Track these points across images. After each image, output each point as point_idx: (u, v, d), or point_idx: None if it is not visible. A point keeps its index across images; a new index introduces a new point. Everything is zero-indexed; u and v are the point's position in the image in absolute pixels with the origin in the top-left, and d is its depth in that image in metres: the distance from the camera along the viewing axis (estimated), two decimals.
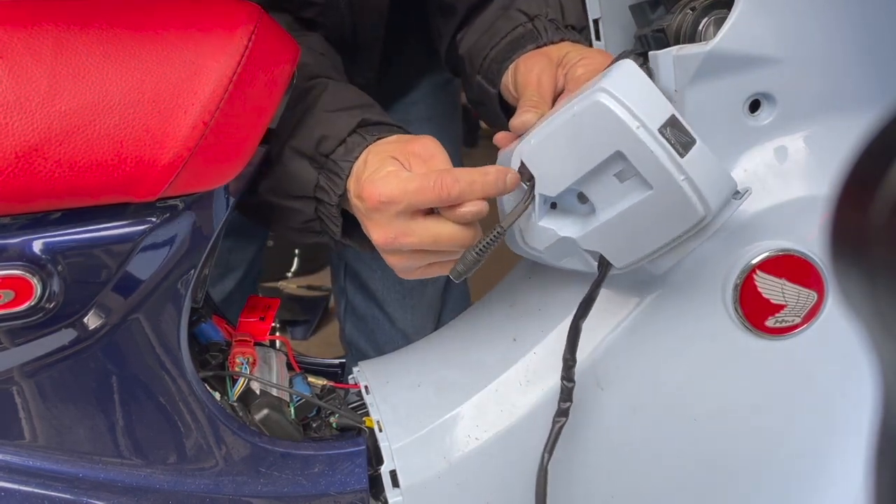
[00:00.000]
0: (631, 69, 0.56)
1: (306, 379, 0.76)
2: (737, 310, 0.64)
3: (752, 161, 0.63)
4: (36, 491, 0.63)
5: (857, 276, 0.25)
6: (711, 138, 0.63)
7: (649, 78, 0.56)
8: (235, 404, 0.69)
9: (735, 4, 0.59)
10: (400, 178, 0.59)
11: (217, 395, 0.69)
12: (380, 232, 0.61)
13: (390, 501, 0.67)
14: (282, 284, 2.27)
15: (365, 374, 0.76)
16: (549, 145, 0.57)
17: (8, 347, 0.60)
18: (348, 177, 0.64)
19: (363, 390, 0.75)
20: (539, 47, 0.71)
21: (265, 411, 0.69)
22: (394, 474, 0.68)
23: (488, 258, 0.60)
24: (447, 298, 1.11)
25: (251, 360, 0.71)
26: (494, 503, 0.69)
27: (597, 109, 0.54)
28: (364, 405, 0.74)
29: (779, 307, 0.64)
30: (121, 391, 0.64)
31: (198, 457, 0.66)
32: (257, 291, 1.25)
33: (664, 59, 0.62)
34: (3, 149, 0.53)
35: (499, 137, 0.66)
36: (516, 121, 0.63)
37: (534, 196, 0.59)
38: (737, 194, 0.58)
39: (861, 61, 0.61)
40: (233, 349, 0.72)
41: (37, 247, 0.57)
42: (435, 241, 0.59)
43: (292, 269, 2.31)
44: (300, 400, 0.73)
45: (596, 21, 0.75)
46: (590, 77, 0.64)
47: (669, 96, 0.63)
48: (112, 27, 0.56)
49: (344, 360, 0.86)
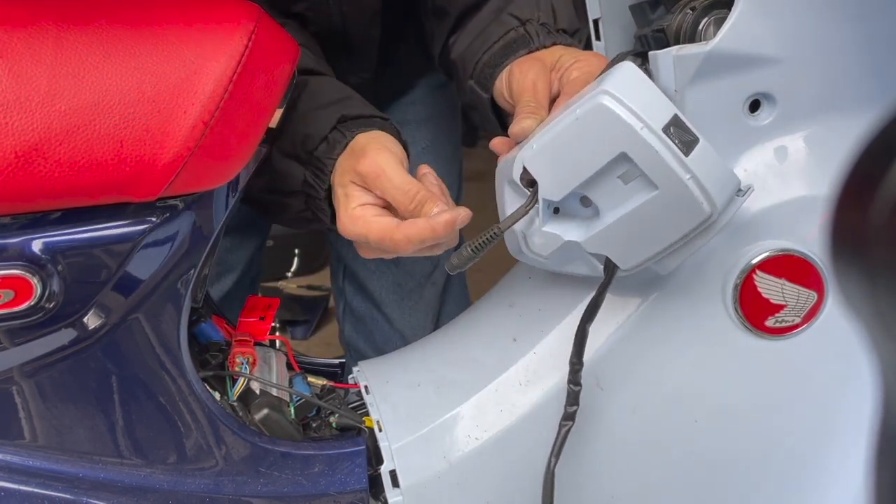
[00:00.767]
0: (631, 70, 0.56)
1: (306, 379, 0.76)
2: (737, 310, 0.64)
3: (752, 161, 0.63)
4: (36, 491, 0.63)
5: (857, 276, 0.25)
6: (712, 138, 0.63)
7: (649, 79, 0.56)
8: (235, 404, 0.69)
9: (735, 4, 0.59)
10: (363, 223, 0.64)
11: (217, 395, 0.69)
12: (367, 252, 0.68)
13: (390, 501, 0.67)
14: (282, 284, 2.27)
15: (365, 374, 0.76)
16: (551, 150, 0.57)
17: (8, 347, 0.60)
18: (332, 172, 0.68)
19: (363, 390, 0.75)
20: (531, 52, 0.71)
21: (265, 411, 0.69)
22: (394, 474, 0.68)
23: (488, 258, 0.60)
24: (446, 299, 1.10)
25: (251, 359, 0.71)
26: (494, 503, 0.69)
27: (599, 112, 0.54)
28: (364, 405, 0.74)
29: (779, 307, 0.64)
30: (121, 391, 0.64)
31: (198, 457, 0.66)
32: (257, 291, 1.25)
33: (664, 59, 0.62)
34: (3, 149, 0.53)
35: (496, 143, 0.67)
36: (515, 128, 0.63)
37: (537, 201, 0.59)
38: (739, 192, 0.58)
39: (861, 61, 0.61)
40: (233, 349, 0.72)
41: (37, 247, 0.57)
42: (421, 242, 0.62)
43: (292, 269, 2.31)
44: (300, 400, 0.73)
45: (596, 21, 0.75)
46: (585, 80, 0.64)
47: (669, 96, 0.63)
48: (112, 27, 0.56)
49: (344, 360, 0.86)
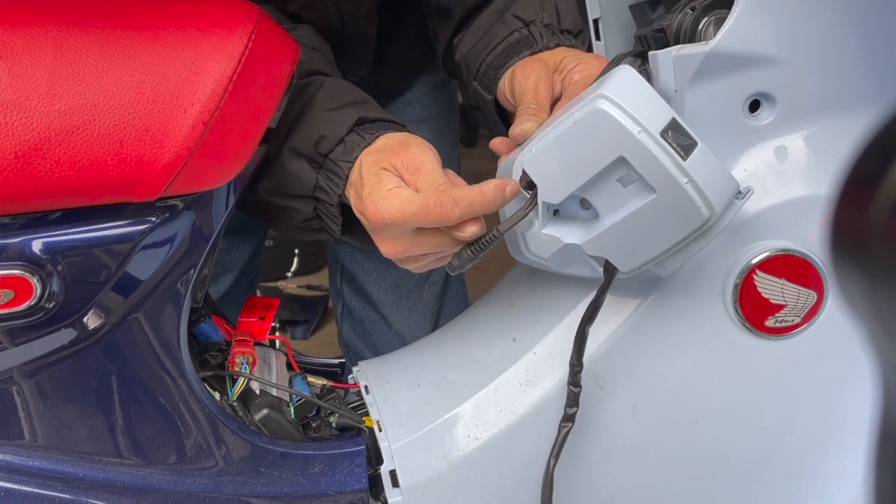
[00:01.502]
0: (629, 74, 0.56)
1: (306, 379, 0.76)
2: (737, 310, 0.64)
3: (752, 161, 0.63)
4: (36, 491, 0.63)
5: (857, 276, 0.25)
6: (711, 138, 0.63)
7: (647, 82, 0.56)
8: (235, 404, 0.69)
9: (735, 4, 0.59)
10: (401, 200, 0.59)
11: (217, 395, 0.69)
12: (388, 246, 0.63)
13: (390, 501, 0.67)
14: (282, 284, 2.27)
15: (365, 374, 0.76)
16: (550, 153, 0.57)
17: (8, 347, 0.60)
18: (347, 177, 0.65)
19: (363, 390, 0.75)
20: (534, 53, 0.71)
21: (265, 411, 0.69)
22: (393, 474, 0.68)
23: (488, 258, 0.60)
24: (445, 300, 1.11)
25: (251, 359, 0.71)
26: (494, 503, 0.69)
27: (598, 116, 0.54)
28: (364, 405, 0.74)
29: (778, 307, 0.64)
30: (121, 391, 0.64)
31: (198, 457, 0.66)
32: (255, 292, 1.25)
33: (664, 59, 0.62)
34: (3, 149, 0.53)
35: (496, 143, 0.66)
36: (516, 129, 0.63)
37: (536, 204, 0.59)
38: (739, 194, 0.58)
39: (861, 61, 0.61)
40: (232, 349, 0.72)
41: (37, 247, 0.57)
42: (443, 247, 0.61)
43: (292, 268, 2.31)
44: (300, 400, 0.73)
45: (596, 21, 0.75)
46: (587, 82, 0.64)
47: (669, 96, 0.63)
48: (112, 27, 0.56)
49: (343, 361, 0.86)
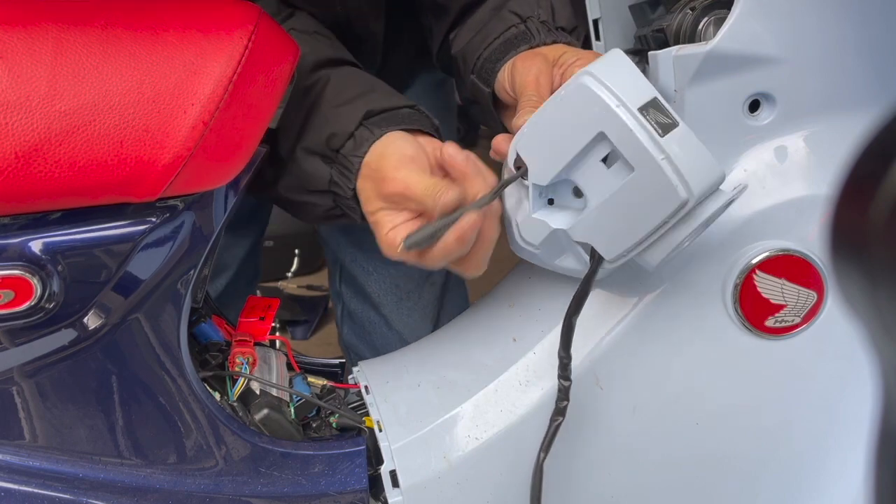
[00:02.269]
0: (617, 56, 0.56)
1: (306, 379, 0.76)
2: (736, 310, 0.64)
3: (752, 161, 0.63)
4: (36, 491, 0.63)
5: (857, 275, 0.25)
6: (711, 138, 0.63)
7: (637, 68, 0.56)
8: (235, 404, 0.69)
9: (735, 4, 0.59)
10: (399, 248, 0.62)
11: (217, 395, 0.69)
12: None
13: (390, 501, 0.67)
14: (282, 284, 2.27)
15: (365, 374, 0.76)
16: (538, 132, 0.59)
17: (8, 347, 0.60)
18: (359, 171, 0.66)
19: (363, 390, 0.75)
20: (533, 48, 0.72)
21: (265, 411, 0.69)
22: (394, 474, 0.68)
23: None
24: (445, 300, 1.10)
25: (251, 360, 0.71)
26: (494, 503, 0.69)
27: (580, 91, 0.55)
28: (364, 405, 0.74)
29: (778, 307, 0.64)
30: (121, 391, 0.64)
31: (198, 457, 0.66)
32: (254, 291, 1.25)
33: (664, 59, 0.62)
34: (3, 149, 0.53)
35: (499, 140, 0.66)
36: (518, 121, 0.63)
37: (519, 178, 0.60)
38: (734, 190, 0.58)
39: (861, 61, 0.61)
40: (233, 349, 0.72)
41: (37, 247, 0.57)
42: (448, 254, 0.61)
43: (292, 269, 2.31)
44: (300, 400, 0.73)
45: (596, 21, 0.75)
46: None
47: (669, 96, 0.63)
48: (112, 27, 0.56)
49: (343, 361, 0.86)
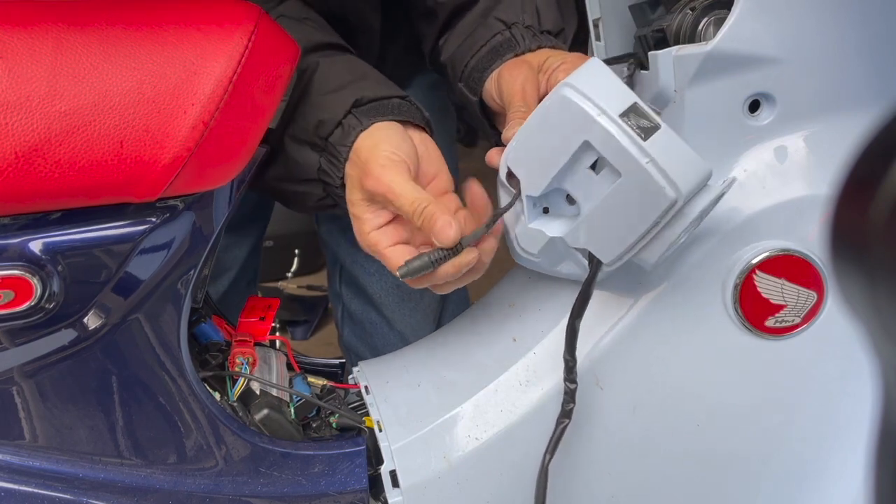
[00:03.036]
0: (595, 65, 0.57)
1: (306, 379, 0.76)
2: (737, 310, 0.64)
3: (752, 161, 0.63)
4: (36, 491, 0.63)
5: (857, 276, 0.25)
6: (711, 138, 0.63)
7: (615, 75, 0.57)
8: (235, 404, 0.69)
9: (735, 4, 0.59)
10: (381, 252, 0.63)
11: (217, 396, 0.69)
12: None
13: (390, 501, 0.67)
14: (282, 284, 2.27)
15: (365, 374, 0.76)
16: (525, 145, 0.60)
17: (8, 347, 0.60)
18: (346, 160, 0.66)
19: (363, 390, 0.75)
20: (518, 55, 0.72)
21: (265, 411, 0.69)
22: (394, 474, 0.68)
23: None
24: (447, 300, 1.10)
25: (251, 360, 0.71)
26: (494, 503, 0.69)
27: (561, 103, 0.56)
28: (364, 405, 0.74)
29: (778, 307, 0.64)
30: (121, 391, 0.64)
31: (198, 457, 0.66)
32: (255, 293, 1.25)
33: (664, 59, 0.62)
34: (3, 149, 0.53)
35: (491, 155, 0.66)
36: (508, 133, 0.64)
37: (519, 197, 0.61)
38: (723, 183, 0.59)
39: (861, 61, 0.61)
40: (233, 349, 0.72)
41: (37, 247, 0.57)
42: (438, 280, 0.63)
43: (292, 269, 2.31)
44: (300, 400, 0.73)
45: (596, 21, 0.75)
46: None
47: (669, 96, 0.63)
48: (112, 27, 0.56)
49: (344, 361, 0.86)
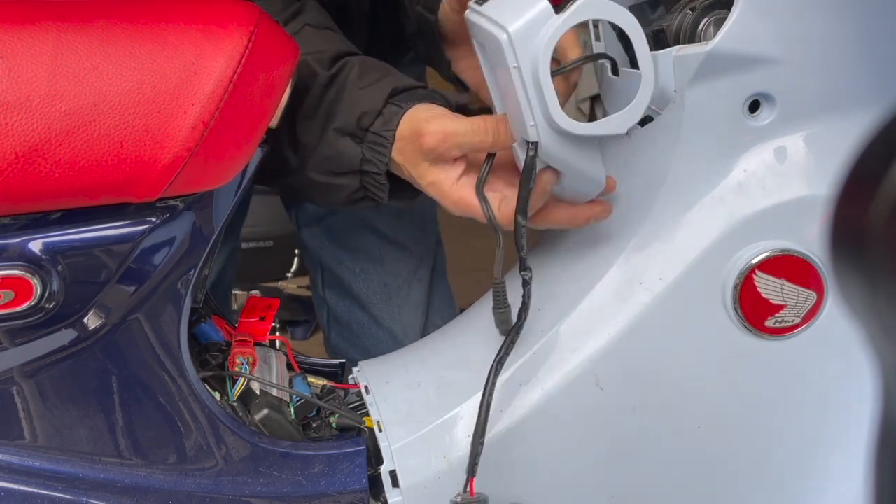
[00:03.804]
0: None
1: (306, 379, 0.76)
2: (736, 310, 0.64)
3: (752, 161, 0.63)
4: (36, 491, 0.63)
5: (857, 276, 0.25)
6: (711, 138, 0.63)
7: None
8: (235, 404, 0.69)
9: (735, 4, 0.59)
10: (473, 204, 0.66)
11: (217, 396, 0.69)
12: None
13: (390, 501, 0.67)
14: (282, 284, 2.27)
15: (365, 374, 0.76)
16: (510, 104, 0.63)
17: (8, 347, 0.60)
18: (392, 145, 0.68)
19: (363, 390, 0.75)
20: None
21: (265, 411, 0.69)
22: (393, 474, 0.68)
23: (488, 258, 0.60)
24: (433, 295, 1.10)
25: (251, 360, 0.71)
26: (494, 503, 0.69)
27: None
28: (364, 405, 0.74)
29: (778, 307, 0.64)
30: (121, 391, 0.64)
31: (198, 457, 0.66)
32: (229, 299, 1.23)
33: (664, 59, 0.62)
34: (3, 149, 0.53)
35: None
36: None
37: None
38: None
39: (861, 61, 0.61)
40: (233, 349, 0.72)
41: (37, 247, 0.57)
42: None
43: (292, 269, 2.30)
44: (300, 400, 0.72)
45: (596, 21, 0.75)
46: None
47: (669, 96, 0.63)
48: (112, 27, 0.56)
49: (344, 361, 0.86)
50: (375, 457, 0.70)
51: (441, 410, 0.69)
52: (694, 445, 0.68)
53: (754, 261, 0.63)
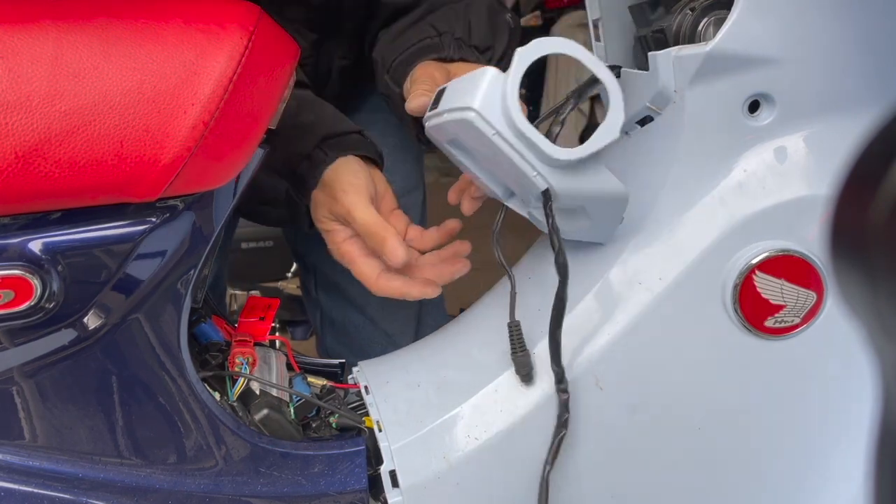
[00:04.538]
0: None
1: (306, 379, 0.76)
2: (736, 310, 0.64)
3: (752, 161, 0.64)
4: (36, 491, 0.63)
5: (857, 276, 0.25)
6: (711, 138, 0.63)
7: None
8: (235, 404, 0.69)
9: (735, 4, 0.59)
10: (352, 261, 0.76)
11: (217, 395, 0.69)
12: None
13: (390, 501, 0.67)
14: (282, 284, 2.27)
15: (365, 374, 0.76)
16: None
17: (8, 347, 0.60)
18: (312, 190, 0.75)
19: (363, 390, 0.75)
20: (441, 59, 0.79)
21: (265, 411, 0.69)
22: (393, 474, 0.68)
23: (487, 258, 0.61)
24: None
25: (251, 360, 0.71)
26: (494, 503, 0.69)
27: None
28: (364, 405, 0.74)
29: (778, 307, 0.64)
30: (121, 391, 0.64)
31: (198, 457, 0.66)
32: (225, 303, 1.24)
33: (664, 59, 0.62)
34: (3, 149, 0.53)
35: (452, 194, 0.77)
36: (412, 104, 0.71)
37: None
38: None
39: (861, 61, 0.61)
40: (233, 349, 0.72)
41: (37, 247, 0.57)
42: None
43: (292, 269, 2.31)
44: (300, 400, 0.73)
45: (596, 21, 0.75)
46: None
47: (669, 97, 0.63)
48: (112, 27, 0.56)
49: (344, 361, 0.86)
50: (375, 457, 0.70)
51: (441, 410, 0.69)
52: (694, 445, 0.68)
53: (754, 261, 0.63)
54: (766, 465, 0.69)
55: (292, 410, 0.72)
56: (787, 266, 0.63)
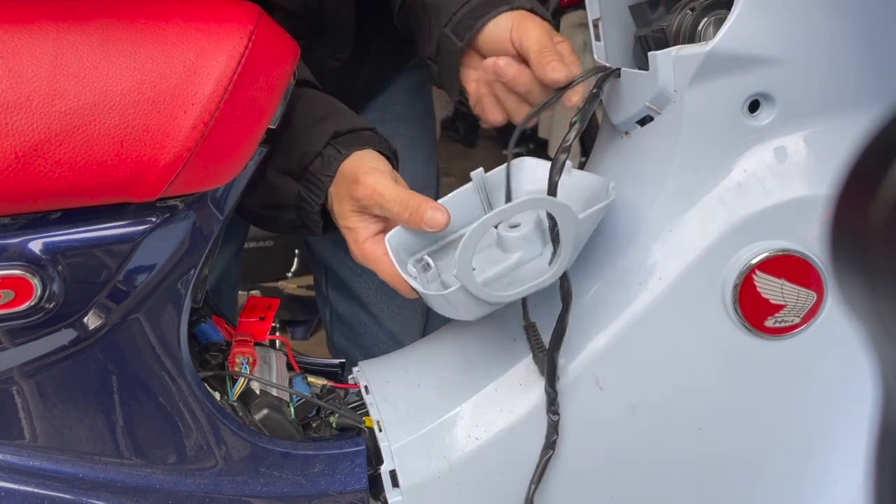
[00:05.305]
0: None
1: (306, 379, 0.76)
2: (736, 310, 0.64)
3: (752, 161, 0.63)
4: (36, 491, 0.63)
5: (857, 276, 0.25)
6: (711, 138, 0.63)
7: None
8: (235, 404, 0.69)
9: (735, 4, 0.59)
10: (378, 260, 0.69)
11: (217, 395, 0.69)
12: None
13: (390, 501, 0.67)
14: (282, 284, 2.27)
15: (365, 374, 0.76)
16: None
17: (8, 347, 0.60)
18: (328, 189, 0.71)
19: (363, 390, 0.75)
20: (513, 9, 0.73)
21: (265, 411, 0.69)
22: (393, 474, 0.68)
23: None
24: None
25: (251, 360, 0.72)
26: (494, 503, 0.69)
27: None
28: (364, 405, 0.74)
29: (778, 307, 0.64)
30: (121, 391, 0.64)
31: (198, 457, 0.66)
32: (236, 299, 1.24)
33: (664, 59, 0.62)
34: (3, 149, 0.53)
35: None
36: (556, 74, 0.67)
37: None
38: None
39: (861, 61, 0.61)
40: (233, 349, 0.72)
41: (37, 247, 0.57)
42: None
43: (292, 269, 2.31)
44: (300, 400, 0.73)
45: (596, 21, 0.75)
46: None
47: (669, 96, 0.63)
48: (112, 27, 0.56)
49: (344, 361, 0.86)
50: (375, 457, 0.70)
51: (441, 410, 0.69)
52: (693, 445, 0.68)
53: (754, 261, 0.63)
54: (766, 465, 0.69)
55: (292, 410, 0.72)
56: (788, 266, 0.63)
